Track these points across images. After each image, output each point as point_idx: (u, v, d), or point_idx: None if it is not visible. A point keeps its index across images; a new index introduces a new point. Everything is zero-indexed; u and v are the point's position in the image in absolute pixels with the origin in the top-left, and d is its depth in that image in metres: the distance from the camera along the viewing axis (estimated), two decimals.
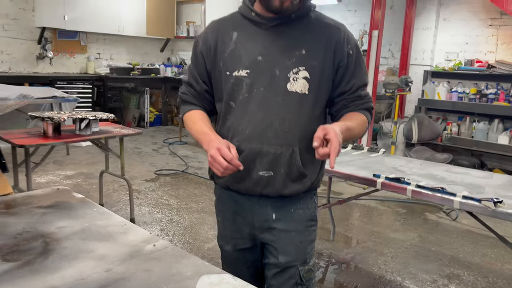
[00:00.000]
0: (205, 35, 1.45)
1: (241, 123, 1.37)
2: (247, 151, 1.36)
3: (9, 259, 1.25)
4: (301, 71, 1.33)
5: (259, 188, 1.39)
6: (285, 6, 1.28)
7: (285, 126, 1.34)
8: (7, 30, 6.81)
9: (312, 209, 1.48)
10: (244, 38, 1.38)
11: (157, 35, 8.19)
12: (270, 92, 1.34)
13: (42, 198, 1.76)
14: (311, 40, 1.35)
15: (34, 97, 4.91)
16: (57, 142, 2.96)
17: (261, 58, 1.34)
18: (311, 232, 1.47)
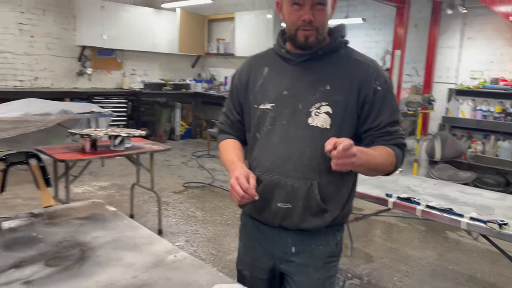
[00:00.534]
0: (241, 70, 1.55)
1: (263, 154, 1.42)
2: (266, 182, 1.40)
3: (51, 265, 1.44)
4: (324, 106, 1.35)
5: (278, 219, 1.42)
6: (310, 41, 1.33)
7: (304, 159, 1.36)
8: (50, 48, 7.30)
9: (333, 245, 1.45)
10: (273, 73, 1.45)
11: (188, 52, 8.53)
12: (292, 125, 1.37)
13: (80, 210, 1.98)
14: (336, 75, 1.37)
15: (74, 112, 5.28)
16: (94, 157, 3.23)
17: (287, 93, 1.39)
18: (331, 268, 1.46)
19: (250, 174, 1.35)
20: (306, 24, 1.31)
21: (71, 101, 6.72)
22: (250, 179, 1.33)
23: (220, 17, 8.38)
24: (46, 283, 1.32)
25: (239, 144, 1.57)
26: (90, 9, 7.23)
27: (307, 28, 1.32)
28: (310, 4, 1.29)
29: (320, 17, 1.31)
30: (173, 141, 8.17)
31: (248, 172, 1.36)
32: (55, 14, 7.26)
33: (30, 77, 7.15)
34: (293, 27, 1.35)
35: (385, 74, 1.41)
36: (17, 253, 1.49)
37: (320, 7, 1.30)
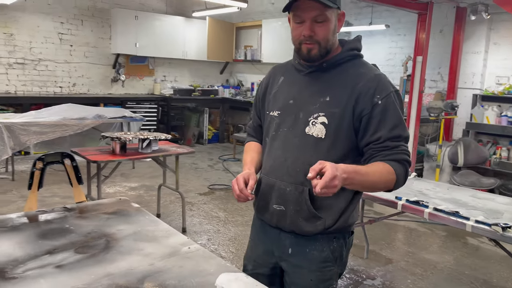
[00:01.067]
0: (263, 79, 1.68)
1: (267, 158, 1.54)
2: (265, 184, 1.53)
3: (80, 252, 1.64)
4: (321, 116, 1.40)
5: (275, 220, 1.52)
6: (312, 54, 1.40)
7: (297, 165, 1.43)
8: (87, 56, 7.73)
9: (327, 252, 1.48)
10: (286, 83, 1.55)
11: (217, 59, 8.79)
12: (291, 133, 1.46)
13: (108, 206, 2.19)
14: (338, 88, 1.41)
15: (107, 117, 5.59)
16: (123, 159, 3.47)
17: (292, 102, 1.48)
18: (325, 272, 1.49)
19: (251, 175, 1.46)
20: (307, 38, 1.39)
21: (105, 106, 7.09)
22: (249, 180, 1.44)
23: (248, 24, 8.59)
24: (75, 267, 1.51)
25: (258, 146, 1.67)
26: (125, 19, 7.60)
27: (309, 42, 1.39)
28: (310, 21, 1.37)
29: (321, 32, 1.38)
30: (201, 145, 8.43)
31: (250, 174, 1.47)
32: (92, 24, 7.69)
33: (68, 84, 7.60)
34: (297, 41, 1.43)
35: (389, 88, 1.39)
36: (51, 241, 1.70)
37: (320, 23, 1.37)
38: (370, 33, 6.69)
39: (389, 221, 4.38)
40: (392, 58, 6.55)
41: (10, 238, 1.72)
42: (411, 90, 4.90)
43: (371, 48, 6.83)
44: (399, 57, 6.36)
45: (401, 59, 6.06)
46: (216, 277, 1.47)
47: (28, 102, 6.62)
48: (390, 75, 6.57)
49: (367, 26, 6.14)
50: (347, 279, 3.14)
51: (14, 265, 1.50)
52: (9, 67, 6.96)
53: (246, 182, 1.45)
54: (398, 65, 6.32)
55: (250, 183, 1.43)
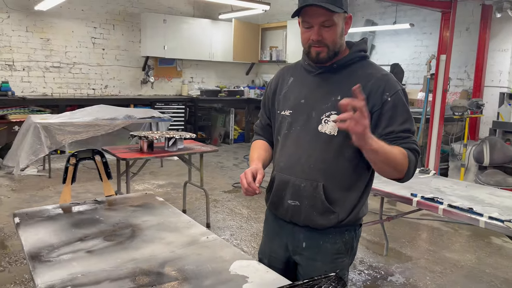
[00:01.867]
0: (273, 79, 1.73)
1: (280, 156, 1.60)
2: (280, 180, 1.59)
3: (108, 240, 1.79)
4: (333, 114, 1.45)
5: (289, 215, 1.58)
6: (321, 57, 1.47)
7: (311, 162, 1.50)
8: (118, 59, 8.04)
9: (340, 243, 1.56)
10: (296, 83, 1.61)
11: (242, 60, 8.94)
12: (304, 131, 1.52)
13: (134, 199, 2.35)
14: (348, 87, 1.40)
15: (136, 117, 5.84)
16: (150, 157, 3.65)
17: (304, 101, 1.54)
18: (338, 264, 1.57)
19: (259, 170, 1.53)
20: (315, 42, 1.45)
21: (135, 107, 7.37)
22: (257, 175, 1.50)
23: (273, 25, 8.70)
24: (104, 252, 1.66)
25: (265, 144, 1.73)
26: (154, 23, 7.86)
27: (317, 46, 1.46)
28: (318, 26, 1.44)
29: (329, 36, 1.44)
30: (227, 144, 8.60)
31: (258, 169, 1.54)
32: (123, 28, 7.99)
33: (101, 86, 7.93)
34: (306, 44, 1.50)
35: (397, 86, 1.46)
36: (82, 230, 1.87)
37: (328, 28, 1.43)
38: (395, 32, 6.67)
39: (412, 220, 4.39)
40: (417, 57, 6.50)
41: (46, 226, 1.90)
42: (434, 89, 4.87)
43: (396, 47, 6.80)
44: (424, 56, 6.31)
45: (427, 58, 6.00)
46: (231, 263, 1.59)
47: (63, 103, 6.97)
48: (415, 74, 6.52)
49: (391, 26, 6.13)
50: (365, 275, 3.20)
51: (50, 250, 1.66)
52: (46, 70, 7.34)
53: (254, 176, 1.51)
54: (423, 64, 6.26)
55: (258, 177, 1.50)
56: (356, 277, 3.16)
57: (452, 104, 4.74)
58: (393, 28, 6.14)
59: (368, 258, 3.49)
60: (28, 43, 7.11)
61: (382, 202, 3.49)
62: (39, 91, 7.30)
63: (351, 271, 3.25)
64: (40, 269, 1.49)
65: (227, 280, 1.48)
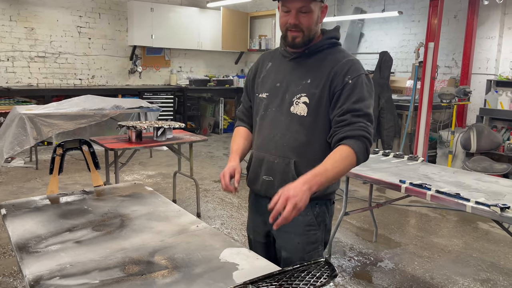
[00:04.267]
0: (254, 65, 1.84)
1: (257, 135, 1.73)
2: (256, 158, 1.73)
3: (97, 230, 1.78)
4: (303, 97, 1.59)
5: (263, 190, 1.70)
6: (296, 41, 1.58)
7: (284, 140, 1.62)
8: (105, 49, 7.93)
9: (311, 216, 1.66)
10: (273, 67, 1.72)
11: (231, 49, 8.88)
12: (278, 112, 1.65)
13: (123, 189, 2.34)
14: (317, 71, 1.60)
15: (124, 107, 5.77)
16: (139, 147, 3.62)
17: (279, 85, 1.66)
18: (310, 235, 1.67)
19: (236, 169, 1.65)
20: (292, 26, 1.56)
21: (123, 97, 7.29)
22: (235, 174, 1.63)
23: (262, 14, 8.64)
24: (93, 243, 1.65)
25: (246, 131, 1.83)
26: (141, 11, 7.75)
27: (294, 30, 1.56)
28: (296, 11, 1.54)
29: (306, 21, 1.55)
30: (217, 134, 8.58)
31: (235, 167, 1.65)
32: (109, 17, 7.86)
33: (88, 76, 7.82)
34: (283, 28, 1.60)
35: (360, 71, 1.56)
36: (71, 220, 1.85)
37: (305, 14, 1.54)
38: (384, 20, 6.67)
39: (401, 207, 4.44)
40: (405, 45, 6.52)
41: (34, 217, 1.88)
42: (422, 77, 4.89)
43: (385, 35, 6.80)
44: (413, 43, 6.33)
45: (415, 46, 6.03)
46: (221, 251, 1.60)
47: (49, 94, 6.86)
48: (404, 62, 6.55)
49: (380, 13, 6.12)
50: (355, 261, 3.23)
51: (38, 241, 1.65)
52: (31, 60, 7.20)
53: (232, 175, 1.63)
54: (411, 51, 6.29)
55: (236, 177, 1.62)
56: (346, 264, 3.19)
57: (440, 91, 4.78)
58: (382, 16, 6.13)
59: (357, 245, 3.53)
60: (12, 32, 6.96)
61: (371, 189, 3.52)
62: (24, 82, 7.18)
63: (341, 257, 3.29)
64: (28, 260, 1.48)
65: (217, 268, 1.48)
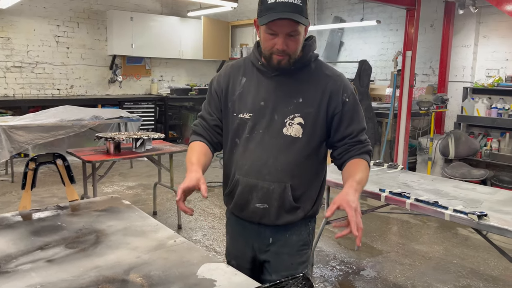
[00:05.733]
0: (219, 77, 1.65)
1: (242, 159, 1.56)
2: (245, 184, 1.56)
3: (70, 247, 1.72)
4: (297, 117, 1.48)
5: (257, 217, 1.58)
6: (282, 64, 1.46)
7: (278, 164, 1.51)
8: (84, 58, 7.82)
9: (305, 235, 1.61)
10: (251, 84, 1.56)
11: (213, 58, 8.86)
12: (268, 134, 1.51)
13: (99, 203, 2.28)
14: (308, 89, 1.50)
15: (104, 117, 5.69)
16: (117, 158, 3.56)
17: (264, 104, 1.51)
18: (303, 255, 1.62)
19: (200, 180, 1.42)
20: (280, 52, 1.43)
21: (102, 107, 7.18)
22: (201, 185, 1.40)
23: (243, 23, 8.65)
24: (65, 261, 1.59)
25: (205, 147, 1.63)
26: (120, 20, 7.68)
27: (281, 55, 1.44)
28: (284, 35, 1.41)
29: (293, 46, 1.43)
30: None
31: (199, 178, 1.43)
32: (88, 26, 7.77)
33: (66, 86, 7.69)
34: (268, 52, 1.46)
35: (351, 87, 1.56)
36: (43, 238, 1.79)
37: (293, 37, 1.42)
38: (363, 29, 6.76)
39: (382, 214, 4.46)
40: (384, 53, 6.61)
41: (4, 235, 1.80)
42: (401, 85, 4.97)
43: (364, 43, 6.89)
44: (391, 52, 6.42)
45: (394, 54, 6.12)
46: (199, 267, 1.56)
47: (26, 105, 6.71)
48: (383, 70, 6.64)
49: (359, 22, 6.20)
50: (338, 271, 3.22)
51: (7, 260, 1.58)
52: (7, 70, 7.05)
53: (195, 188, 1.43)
54: (390, 60, 6.37)
55: (203, 188, 1.40)
56: (328, 273, 3.18)
57: (419, 99, 4.84)
58: (361, 24, 6.21)
59: (340, 254, 3.52)
60: None
61: None
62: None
63: (323, 267, 3.27)
64: None
65: (194, 285, 1.44)
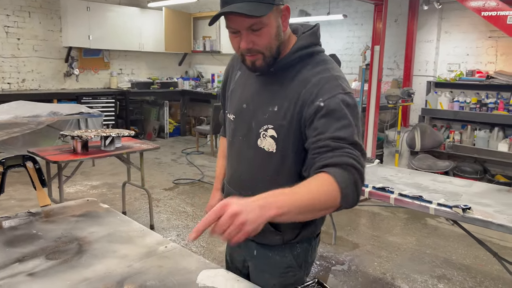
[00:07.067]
0: (226, 68, 1.53)
1: (227, 166, 1.50)
2: (226, 192, 1.50)
3: (52, 258, 1.57)
4: (270, 129, 1.27)
5: None
6: (257, 65, 1.23)
7: (253, 179, 1.36)
8: (37, 50, 7.35)
9: (290, 257, 1.40)
10: (241, 81, 1.41)
11: (175, 50, 8.62)
12: (245, 143, 1.36)
13: (75, 208, 2.11)
14: (285, 96, 1.24)
15: (63, 113, 5.36)
16: (85, 158, 3.35)
17: (246, 106, 1.34)
18: (288, 277, 1.42)
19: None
20: (246, 51, 1.21)
21: (59, 102, 6.79)
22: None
23: (205, 14, 8.47)
24: (49, 274, 1.45)
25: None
26: (76, 10, 7.27)
27: (251, 54, 1.21)
28: (245, 31, 1.17)
29: (261, 41, 1.19)
30: (162, 139, 8.28)
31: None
32: (41, 16, 7.30)
33: (17, 80, 7.20)
34: (238, 53, 1.25)
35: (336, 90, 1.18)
36: (19, 248, 1.62)
37: (258, 31, 1.17)
38: (328, 23, 6.80)
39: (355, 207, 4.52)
40: (350, 47, 6.69)
41: None
42: (370, 79, 5.05)
43: (330, 37, 6.95)
44: (356, 46, 6.51)
45: (359, 48, 6.22)
46: (197, 274, 1.47)
47: None
48: (348, 64, 6.72)
49: (325, 16, 6.23)
50: (317, 266, 3.22)
51: None
52: None
53: None
54: (356, 54, 6.48)
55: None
56: None
57: (386, 93, 4.94)
58: (327, 18, 6.24)
59: (318, 249, 3.52)
60: None
61: None
62: None
63: None
64: None
65: None
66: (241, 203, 0.97)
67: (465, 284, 2.99)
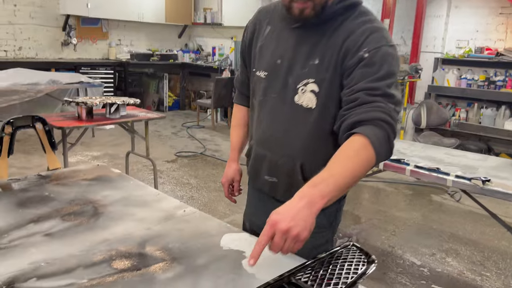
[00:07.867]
0: (250, 24, 1.45)
1: (256, 126, 1.42)
2: (256, 154, 1.44)
3: (67, 219, 1.51)
4: (310, 83, 1.23)
5: (267, 190, 1.46)
6: (305, 14, 1.19)
7: (287, 138, 1.31)
8: (33, 17, 7.13)
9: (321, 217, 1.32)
10: (273, 35, 1.34)
11: (175, 22, 8.41)
12: (279, 101, 1.30)
13: (86, 172, 2.05)
14: (327, 48, 1.21)
15: (62, 82, 5.24)
16: (90, 125, 3.27)
17: (280, 62, 1.29)
18: (319, 238, 1.37)
19: (235, 177, 1.57)
20: None
21: (57, 71, 6.63)
22: (234, 183, 1.57)
23: None
24: (67, 235, 1.39)
25: (245, 115, 1.57)
26: None
27: (303, 2, 1.17)
28: None
29: None
30: (161, 112, 8.16)
31: (234, 176, 1.57)
32: None
33: (14, 47, 7.00)
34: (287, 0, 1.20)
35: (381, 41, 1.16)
36: (32, 210, 1.56)
37: None
38: None
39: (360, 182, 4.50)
40: None
41: None
42: None
43: None
44: None
45: None
46: (220, 238, 1.42)
47: None
48: None
49: None
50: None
51: None
52: None
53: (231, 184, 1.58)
54: None
55: (235, 187, 1.57)
56: None
57: None
58: None
59: None
60: None
61: None
62: None
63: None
64: None
65: (222, 257, 1.30)
66: (287, 214, 0.97)
67: (473, 258, 3.00)
